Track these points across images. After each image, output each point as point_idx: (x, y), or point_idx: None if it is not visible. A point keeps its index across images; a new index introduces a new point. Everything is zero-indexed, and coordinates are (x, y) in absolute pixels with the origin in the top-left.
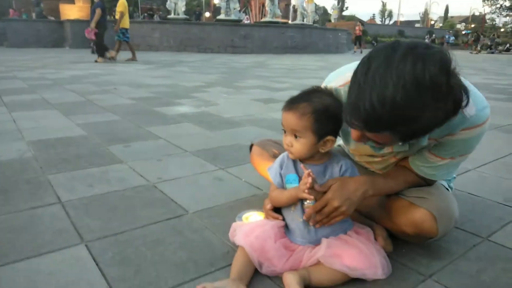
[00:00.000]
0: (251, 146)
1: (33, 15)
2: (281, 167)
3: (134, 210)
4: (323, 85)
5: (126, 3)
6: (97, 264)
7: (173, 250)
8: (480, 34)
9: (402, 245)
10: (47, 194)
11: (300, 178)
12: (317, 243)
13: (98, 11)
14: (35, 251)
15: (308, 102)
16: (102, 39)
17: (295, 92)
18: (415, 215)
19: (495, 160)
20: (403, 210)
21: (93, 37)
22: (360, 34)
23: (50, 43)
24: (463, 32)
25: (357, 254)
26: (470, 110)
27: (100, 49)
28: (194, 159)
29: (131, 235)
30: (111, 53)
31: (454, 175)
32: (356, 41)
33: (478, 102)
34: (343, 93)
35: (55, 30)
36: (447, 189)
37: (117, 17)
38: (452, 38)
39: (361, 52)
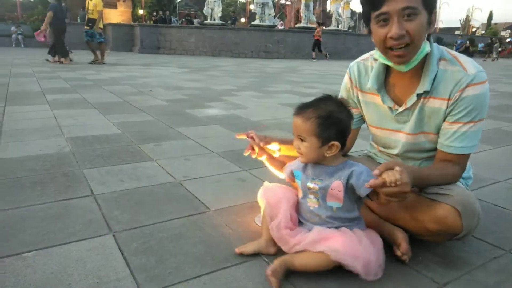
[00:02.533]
0: None
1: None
2: (294, 163)
3: (160, 205)
4: (348, 69)
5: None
6: (122, 253)
7: (193, 244)
8: (496, 41)
9: (418, 252)
10: (81, 186)
11: (303, 176)
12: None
13: (49, 14)
14: (67, 238)
15: (314, 108)
16: (62, 41)
17: None
18: (438, 211)
19: None
20: (426, 207)
21: (42, 39)
22: (319, 38)
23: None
24: (508, 40)
25: (344, 239)
26: (470, 69)
27: (62, 51)
28: (219, 160)
29: (155, 228)
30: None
31: (471, 177)
32: (315, 47)
33: (476, 65)
34: (362, 66)
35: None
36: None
37: (94, 16)
38: (461, 41)
39: (327, 57)
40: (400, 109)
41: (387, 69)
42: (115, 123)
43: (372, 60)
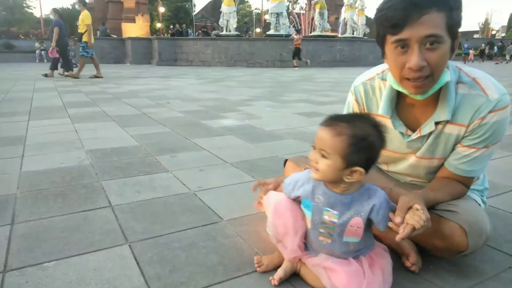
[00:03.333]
0: (285, 161)
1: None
2: (298, 183)
3: (175, 216)
4: (352, 86)
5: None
6: (137, 263)
7: (205, 254)
8: (509, 43)
9: (431, 261)
10: (100, 198)
11: (315, 207)
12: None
13: (56, 30)
14: (85, 249)
15: (349, 124)
16: (66, 55)
17: (339, 106)
18: (445, 228)
19: None
20: (434, 223)
21: (57, 55)
22: (299, 46)
23: (112, 59)
24: None
25: (348, 277)
26: (493, 94)
27: (68, 64)
28: (233, 170)
29: (169, 238)
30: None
31: (487, 187)
32: (295, 55)
33: (499, 88)
34: (369, 87)
35: (117, 47)
36: (480, 204)
37: (82, 30)
38: (467, 45)
39: (307, 63)
40: (414, 136)
41: (398, 93)
42: (133, 135)
43: (380, 80)
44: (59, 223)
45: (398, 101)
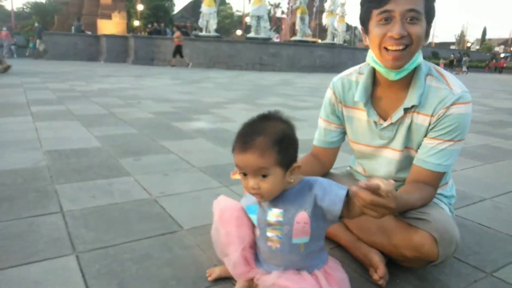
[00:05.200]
0: None
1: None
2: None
3: (130, 224)
4: (331, 83)
5: None
6: (83, 276)
7: (159, 266)
8: (463, 55)
9: (397, 275)
10: (51, 203)
11: (259, 209)
12: (277, 269)
13: None
14: (26, 259)
15: (264, 135)
16: None
17: (315, 112)
18: (415, 238)
19: None
20: (402, 232)
21: None
22: (179, 43)
23: (86, 57)
24: (502, 55)
25: None
26: (457, 89)
27: None
28: (200, 175)
29: (121, 249)
30: None
31: (454, 195)
32: (176, 53)
33: (462, 86)
34: (346, 81)
35: (92, 44)
36: (448, 213)
37: None
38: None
39: (189, 66)
40: (385, 124)
41: (374, 83)
42: (97, 136)
43: (357, 74)
44: (1, 230)
45: (373, 92)
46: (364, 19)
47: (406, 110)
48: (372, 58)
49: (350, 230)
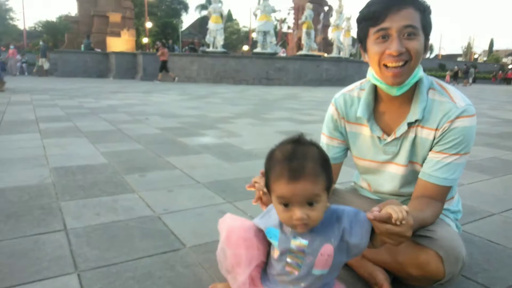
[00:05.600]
0: None
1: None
2: (269, 212)
3: (133, 241)
4: (333, 99)
5: None
6: None
7: (161, 285)
8: (470, 67)
9: None
10: (55, 221)
11: (281, 235)
12: None
13: None
14: (29, 277)
15: (311, 161)
16: None
17: (321, 126)
18: (420, 256)
19: None
20: (408, 250)
21: None
22: (165, 59)
23: (95, 74)
24: (510, 67)
25: None
26: (460, 102)
27: None
28: (204, 191)
29: (123, 267)
30: None
31: (461, 210)
32: (162, 69)
33: (465, 99)
34: (348, 97)
35: (101, 61)
36: (454, 229)
37: None
38: None
39: (175, 79)
40: (389, 139)
41: (375, 98)
42: (103, 152)
43: (359, 90)
44: (6, 248)
45: (375, 107)
46: (362, 37)
47: (410, 125)
48: (372, 76)
49: None
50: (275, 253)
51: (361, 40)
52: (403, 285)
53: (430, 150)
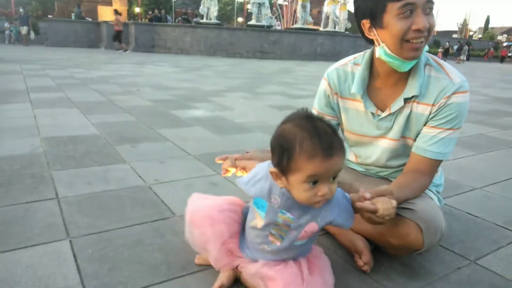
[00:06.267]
0: (246, 153)
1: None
2: (256, 177)
3: (124, 210)
4: (325, 73)
5: None
6: (75, 260)
7: (150, 251)
8: (464, 44)
9: (382, 262)
10: (47, 189)
11: (269, 207)
12: (264, 257)
13: None
14: (21, 243)
15: (335, 134)
16: None
17: (312, 100)
18: (400, 227)
19: (506, 179)
20: (389, 221)
21: None
22: (119, 29)
23: (86, 43)
24: (504, 44)
25: (286, 284)
26: (456, 78)
27: None
28: (195, 163)
29: (114, 234)
30: None
31: (442, 183)
32: (115, 38)
33: (460, 75)
34: (342, 72)
35: (92, 30)
36: (436, 202)
37: None
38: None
39: (125, 51)
40: (383, 115)
41: (370, 74)
42: (94, 123)
43: (353, 65)
44: None
45: (369, 83)
46: (376, 12)
47: (406, 100)
48: (384, 53)
49: None
50: (259, 223)
51: (374, 15)
52: (383, 253)
53: (425, 125)
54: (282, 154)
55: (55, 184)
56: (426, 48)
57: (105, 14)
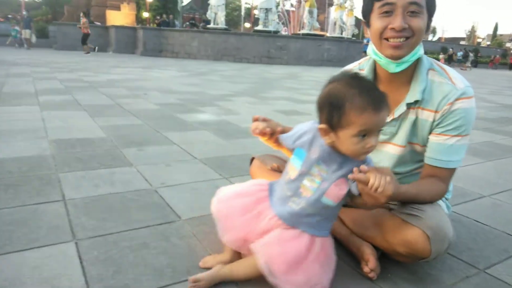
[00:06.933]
0: (252, 159)
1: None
2: (303, 135)
3: (130, 213)
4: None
5: None
6: (81, 262)
7: (155, 255)
8: (468, 51)
9: (389, 269)
10: (54, 191)
11: (307, 158)
12: (286, 222)
13: None
14: (28, 244)
15: (380, 90)
16: None
17: None
18: (408, 235)
19: None
20: (396, 228)
21: None
22: (86, 31)
23: (95, 47)
24: None
25: (291, 260)
26: (459, 84)
27: None
28: (200, 166)
29: (119, 237)
30: None
31: (451, 190)
32: (84, 41)
33: (464, 80)
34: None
35: (101, 35)
36: (444, 209)
37: None
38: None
39: (88, 52)
40: (387, 119)
41: (375, 78)
42: (102, 126)
43: (358, 70)
44: (5, 216)
45: None
46: (366, 11)
47: (409, 106)
48: (373, 51)
49: (345, 224)
50: (293, 174)
51: (365, 14)
52: (390, 260)
53: (430, 132)
54: (333, 111)
55: (62, 187)
56: (421, 51)
57: (114, 18)
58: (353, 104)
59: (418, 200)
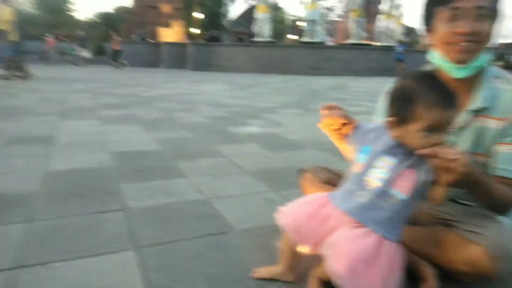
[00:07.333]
0: (301, 171)
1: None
2: (369, 132)
3: (185, 223)
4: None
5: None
6: (141, 270)
7: (210, 265)
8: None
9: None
10: (115, 201)
11: (373, 152)
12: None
13: None
14: (93, 251)
15: (451, 91)
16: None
17: (368, 117)
18: (470, 252)
19: None
20: (457, 246)
21: None
22: (117, 48)
23: (147, 63)
24: None
25: (357, 258)
26: None
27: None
28: (249, 179)
29: (176, 246)
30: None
31: None
32: (115, 57)
33: None
34: None
35: (153, 51)
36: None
37: (5, 28)
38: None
39: (123, 69)
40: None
41: None
42: (157, 139)
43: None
44: (71, 224)
45: None
46: (428, 17)
47: (473, 113)
48: (436, 56)
49: (403, 241)
50: (358, 168)
51: (428, 20)
52: (451, 280)
53: (497, 142)
54: (403, 104)
55: (122, 197)
56: (486, 57)
57: (165, 35)
58: (423, 99)
59: (491, 193)
